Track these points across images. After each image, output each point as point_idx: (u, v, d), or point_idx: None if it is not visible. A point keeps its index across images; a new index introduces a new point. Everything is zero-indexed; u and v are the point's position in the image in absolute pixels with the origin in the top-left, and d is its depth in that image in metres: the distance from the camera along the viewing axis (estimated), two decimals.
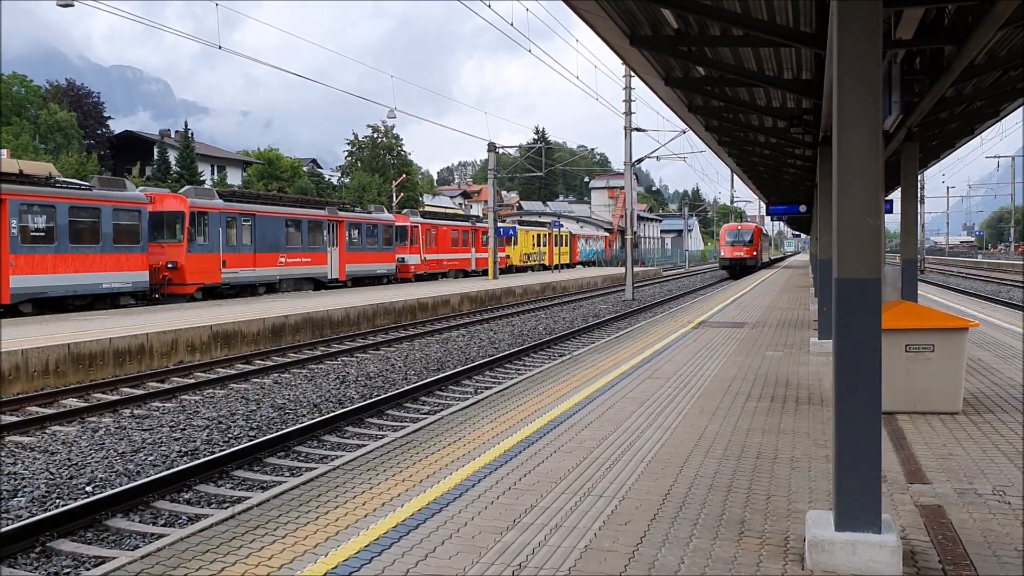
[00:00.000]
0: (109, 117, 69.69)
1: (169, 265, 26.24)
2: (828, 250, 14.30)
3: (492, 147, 43.71)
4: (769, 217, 47.22)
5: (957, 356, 8.24)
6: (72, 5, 19.40)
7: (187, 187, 32.23)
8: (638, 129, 37.72)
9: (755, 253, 60.12)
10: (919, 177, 21.17)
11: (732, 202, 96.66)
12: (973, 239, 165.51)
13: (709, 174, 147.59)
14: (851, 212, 4.51)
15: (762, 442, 7.32)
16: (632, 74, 33.72)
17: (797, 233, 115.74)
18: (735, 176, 46.53)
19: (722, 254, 62.31)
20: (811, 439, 7.45)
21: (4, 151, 39.47)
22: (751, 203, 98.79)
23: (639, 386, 10.27)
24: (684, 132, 37.14)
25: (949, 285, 43.43)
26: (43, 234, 21.60)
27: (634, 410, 8.76)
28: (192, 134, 67.53)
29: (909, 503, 5.58)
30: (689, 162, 50.65)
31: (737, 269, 58.72)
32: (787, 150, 19.25)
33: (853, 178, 4.51)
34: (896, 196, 22.99)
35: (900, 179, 15.43)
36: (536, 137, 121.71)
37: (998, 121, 14.87)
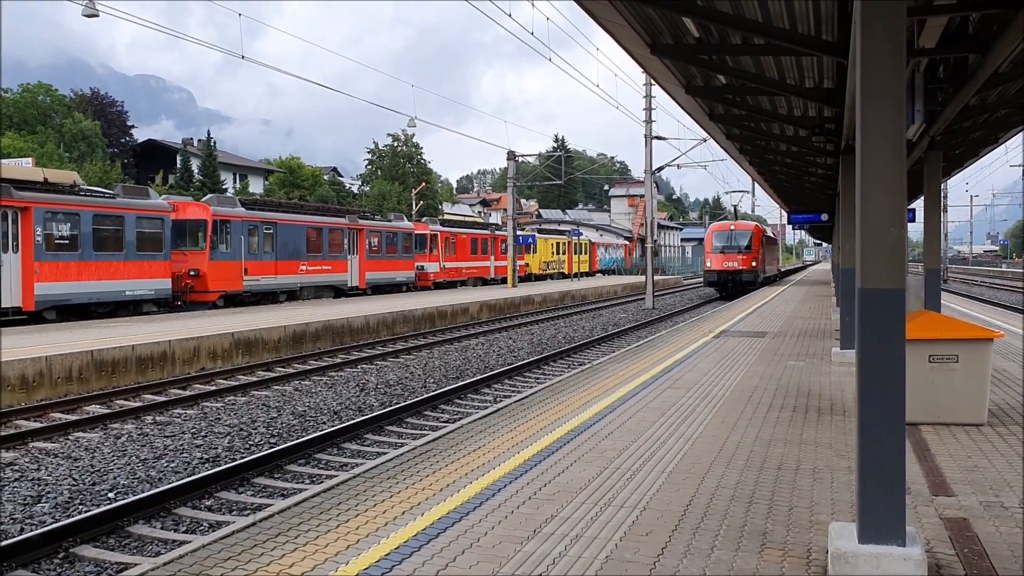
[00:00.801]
0: (133, 126, 70.19)
1: (191, 273, 26.45)
2: (850, 259, 14.20)
3: (512, 155, 43.79)
4: (790, 226, 44.98)
5: (982, 367, 8.15)
6: (97, 15, 19.59)
7: (209, 195, 32.49)
8: (658, 137, 37.68)
9: (755, 264, 43.37)
10: (942, 186, 21.01)
11: (753, 210, 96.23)
12: (997, 248, 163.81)
13: (730, 182, 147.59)
14: (874, 222, 4.48)
15: (784, 453, 7.27)
16: (653, 82, 33.70)
17: (819, 242, 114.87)
18: (756, 184, 46.37)
19: (708, 264, 44.22)
20: (833, 450, 7.39)
21: (29, 159, 39.92)
22: (754, 200, 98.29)
23: (660, 396, 10.23)
24: (705, 140, 37.11)
25: (973, 295, 43.01)
26: (67, 242, 21.83)
27: (655, 420, 8.73)
28: (214, 143, 68.00)
29: (934, 515, 5.52)
30: (710, 170, 50.69)
31: (729, 286, 42.85)
32: (808, 159, 19.15)
33: (876, 187, 4.47)
34: (919, 205, 22.80)
35: (923, 188, 15.32)
36: (556, 145, 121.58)
37: (1023, 130, 14.74)
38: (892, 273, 4.46)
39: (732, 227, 44.62)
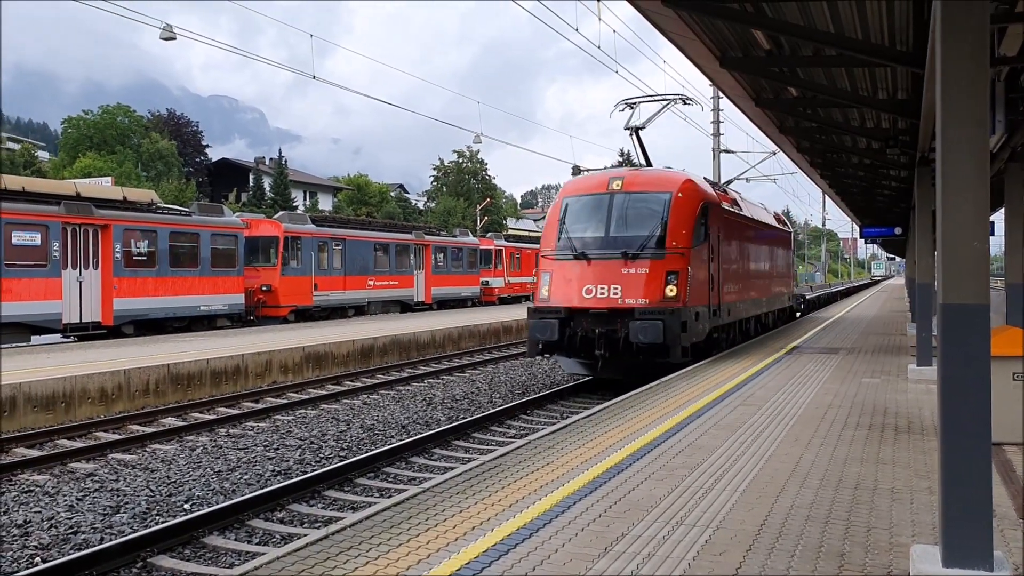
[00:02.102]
0: (207, 145, 72.12)
1: (264, 288, 26.97)
2: (926, 274, 13.85)
3: (576, 170, 43.75)
4: (862, 239, 42.62)
5: None
6: (174, 38, 20.17)
7: (281, 212, 33.15)
8: (727, 151, 37.24)
9: (673, 291, 14.72)
10: None
11: (824, 224, 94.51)
12: None
13: (800, 196, 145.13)
14: (956, 236, 4.36)
15: (860, 472, 7.09)
16: (721, 95, 33.41)
17: (892, 256, 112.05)
18: (827, 197, 45.50)
19: (542, 292, 15.82)
20: (912, 470, 7.18)
21: (109, 179, 41.26)
22: (825, 214, 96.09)
23: (731, 413, 10.08)
24: (774, 153, 36.55)
25: None
26: (145, 258, 22.45)
27: (727, 438, 8.59)
28: (285, 161, 69.47)
29: (1022, 540, 5.32)
30: (780, 183, 49.57)
31: (598, 358, 14.85)
32: (881, 171, 18.77)
33: (958, 201, 4.36)
34: (999, 218, 22.13)
35: (1004, 200, 14.88)
36: (621, 160, 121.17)
37: None
38: (976, 289, 4.34)
39: (616, 181, 16.17)
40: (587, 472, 7.14)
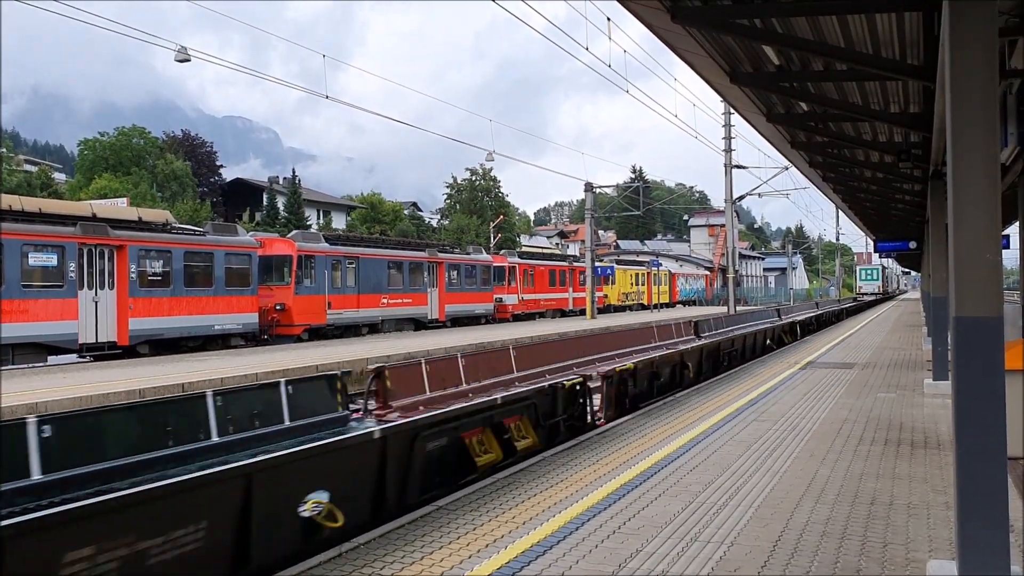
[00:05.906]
0: (221, 165, 72.56)
1: (277, 307, 27.06)
2: (941, 287, 13.79)
3: (589, 187, 43.81)
4: (877, 254, 42.03)
5: None
6: (188, 60, 20.38)
7: (295, 231, 33.32)
8: (738, 166, 37.34)
9: None
10: None
11: (837, 239, 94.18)
12: None
13: (813, 211, 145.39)
14: (968, 248, 4.35)
15: (876, 487, 7.05)
16: (732, 111, 33.45)
17: (907, 270, 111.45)
18: (840, 212, 45.35)
19: None
20: (929, 485, 7.13)
21: (124, 199, 41.60)
22: (839, 229, 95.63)
23: (745, 429, 10.04)
24: (787, 168, 36.55)
25: None
26: (160, 278, 22.58)
27: (741, 453, 8.56)
28: (299, 180, 69.80)
29: None
30: (792, 198, 49.46)
31: None
32: (895, 185, 18.73)
33: (970, 213, 4.35)
34: (1013, 231, 22.04)
35: (1017, 213, 14.81)
36: (634, 176, 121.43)
37: None
38: (989, 301, 4.32)
39: None
40: (601, 489, 7.12)
